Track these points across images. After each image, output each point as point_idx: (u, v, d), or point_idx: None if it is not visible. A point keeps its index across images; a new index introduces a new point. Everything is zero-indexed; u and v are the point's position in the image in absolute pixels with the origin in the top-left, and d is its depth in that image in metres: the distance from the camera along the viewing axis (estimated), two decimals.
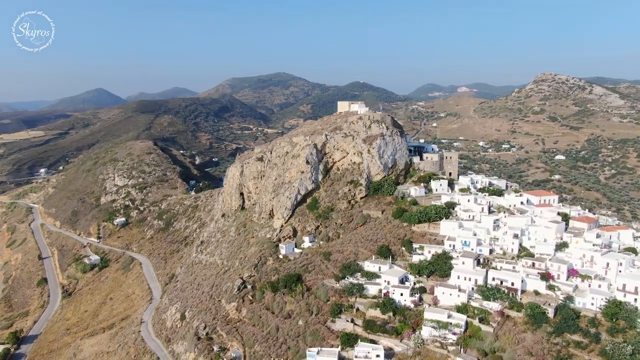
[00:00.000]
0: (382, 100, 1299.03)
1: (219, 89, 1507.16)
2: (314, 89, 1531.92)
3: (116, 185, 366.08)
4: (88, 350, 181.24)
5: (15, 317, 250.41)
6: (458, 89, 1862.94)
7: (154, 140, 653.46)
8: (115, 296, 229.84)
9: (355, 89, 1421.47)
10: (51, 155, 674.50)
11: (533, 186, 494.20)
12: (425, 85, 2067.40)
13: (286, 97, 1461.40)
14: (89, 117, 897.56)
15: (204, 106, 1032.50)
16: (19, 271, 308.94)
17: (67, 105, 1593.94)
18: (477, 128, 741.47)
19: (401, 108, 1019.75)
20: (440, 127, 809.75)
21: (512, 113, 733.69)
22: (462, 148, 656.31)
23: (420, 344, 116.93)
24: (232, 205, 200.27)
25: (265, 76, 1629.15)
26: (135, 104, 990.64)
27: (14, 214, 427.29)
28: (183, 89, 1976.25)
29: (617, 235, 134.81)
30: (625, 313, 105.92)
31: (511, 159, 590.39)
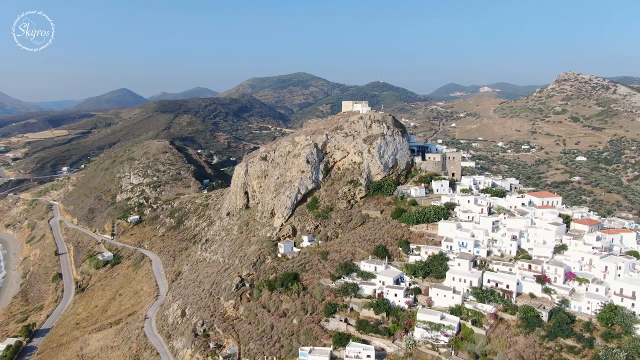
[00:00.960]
0: (401, 100, 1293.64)
1: (239, 89, 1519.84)
2: (333, 88, 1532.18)
3: (131, 183, 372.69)
4: (94, 345, 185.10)
5: (30, 311, 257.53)
6: (480, 88, 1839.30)
7: (173, 139, 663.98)
8: (124, 292, 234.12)
9: (374, 88, 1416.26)
10: (73, 154, 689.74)
11: (552, 188, 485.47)
12: (446, 85, 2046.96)
13: (306, 97, 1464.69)
14: (111, 116, 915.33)
15: (224, 106, 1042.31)
16: (37, 266, 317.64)
17: (92, 105, 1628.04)
18: (496, 128, 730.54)
19: (420, 108, 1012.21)
20: (459, 127, 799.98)
21: (532, 113, 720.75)
22: (480, 149, 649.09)
23: (412, 345, 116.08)
24: (236, 204, 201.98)
25: (285, 76, 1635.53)
26: (155, 103, 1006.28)
27: (35, 210, 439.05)
28: (204, 89, 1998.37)
29: (619, 238, 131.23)
30: (620, 318, 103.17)
31: (530, 160, 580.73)
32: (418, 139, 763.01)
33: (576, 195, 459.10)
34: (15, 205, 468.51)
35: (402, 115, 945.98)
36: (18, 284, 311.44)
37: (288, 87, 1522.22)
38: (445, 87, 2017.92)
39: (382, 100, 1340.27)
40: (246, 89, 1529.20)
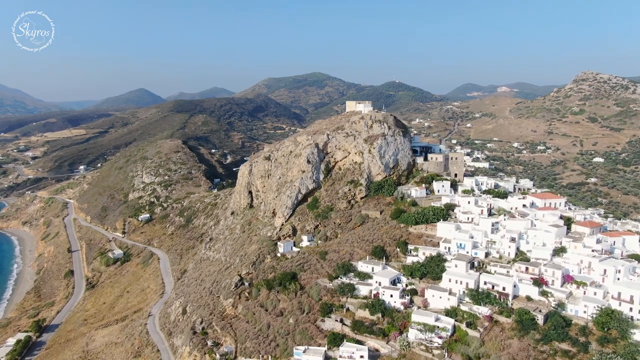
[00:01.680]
0: (417, 100, 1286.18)
1: (255, 89, 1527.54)
2: (349, 88, 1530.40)
3: (143, 182, 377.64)
4: (99, 341, 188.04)
5: (42, 307, 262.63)
6: (498, 88, 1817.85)
7: (188, 139, 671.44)
8: (131, 289, 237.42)
9: (390, 88, 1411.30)
10: (90, 153, 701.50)
11: (567, 189, 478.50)
12: (463, 85, 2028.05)
13: (321, 97, 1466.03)
14: (127, 116, 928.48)
15: (239, 106, 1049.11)
16: (50, 263, 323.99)
17: (111, 104, 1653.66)
18: (512, 129, 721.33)
19: (436, 108, 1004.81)
20: (474, 127, 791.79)
21: (549, 114, 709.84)
22: (495, 149, 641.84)
23: (406, 347, 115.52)
24: (241, 204, 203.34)
25: (301, 76, 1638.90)
26: (171, 103, 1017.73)
27: (51, 208, 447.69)
28: (221, 89, 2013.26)
29: (621, 241, 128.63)
30: (615, 322, 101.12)
31: (546, 161, 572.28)
32: (432, 140, 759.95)
33: (592, 197, 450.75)
34: (33, 203, 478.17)
35: (417, 115, 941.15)
36: (32, 280, 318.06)
37: (303, 87, 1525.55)
38: (463, 87, 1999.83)
39: (398, 100, 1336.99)
40: (262, 89, 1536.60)
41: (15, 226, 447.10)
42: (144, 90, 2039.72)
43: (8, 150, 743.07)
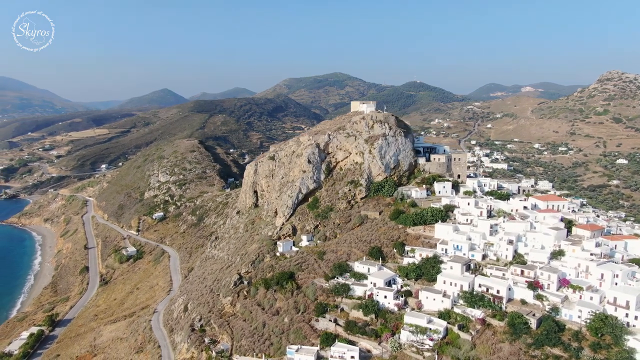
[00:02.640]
0: (437, 101, 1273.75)
1: (275, 89, 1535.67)
2: (369, 89, 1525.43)
3: (159, 181, 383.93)
4: (106, 336, 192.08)
5: (57, 302, 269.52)
6: (522, 88, 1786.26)
7: (207, 138, 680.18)
8: (141, 286, 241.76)
9: (411, 88, 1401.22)
10: (112, 152, 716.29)
11: (588, 191, 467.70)
12: (487, 85, 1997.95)
13: (341, 97, 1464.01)
14: (149, 116, 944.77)
15: (258, 106, 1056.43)
16: (67, 259, 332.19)
17: (134, 104, 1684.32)
18: (533, 129, 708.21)
19: (456, 108, 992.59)
20: (494, 128, 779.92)
21: (572, 114, 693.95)
22: (515, 150, 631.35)
23: (397, 348, 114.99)
24: (246, 203, 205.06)
25: (322, 76, 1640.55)
26: (192, 103, 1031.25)
27: (71, 206, 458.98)
28: (243, 89, 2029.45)
29: (623, 244, 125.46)
30: (609, 328, 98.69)
31: (567, 162, 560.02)
32: (451, 140, 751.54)
33: (613, 200, 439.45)
34: (54, 201, 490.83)
35: (436, 115, 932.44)
36: (50, 275, 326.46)
37: (324, 87, 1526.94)
38: (486, 87, 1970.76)
39: (418, 101, 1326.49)
40: (282, 89, 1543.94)
41: (37, 223, 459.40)
42: (167, 91, 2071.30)
43: (34, 149, 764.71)
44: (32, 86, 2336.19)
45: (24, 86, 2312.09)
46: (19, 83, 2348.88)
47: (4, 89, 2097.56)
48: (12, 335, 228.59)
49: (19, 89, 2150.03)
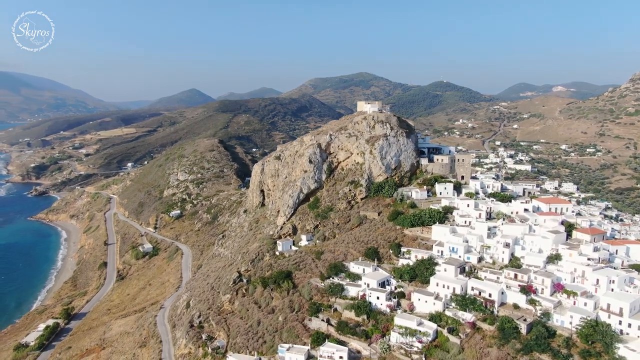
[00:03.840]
0: (464, 101, 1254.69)
1: (301, 89, 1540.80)
2: (395, 88, 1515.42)
3: (178, 179, 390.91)
4: (115, 330, 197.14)
5: (75, 296, 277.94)
6: (553, 88, 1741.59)
7: (230, 138, 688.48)
8: (153, 282, 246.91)
9: (437, 88, 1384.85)
10: (138, 151, 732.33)
11: (615, 194, 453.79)
12: (517, 85, 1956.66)
13: (367, 97, 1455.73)
14: (175, 115, 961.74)
15: (283, 106, 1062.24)
16: (88, 255, 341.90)
17: (163, 104, 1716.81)
18: (561, 130, 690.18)
19: (482, 108, 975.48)
20: (521, 128, 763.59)
21: (602, 114, 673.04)
22: (541, 151, 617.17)
23: (386, 350, 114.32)
24: (253, 202, 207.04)
25: (347, 76, 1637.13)
26: (217, 103, 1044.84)
27: (96, 203, 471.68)
28: (269, 89, 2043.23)
29: (624, 250, 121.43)
30: (599, 335, 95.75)
31: (595, 164, 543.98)
32: (474, 141, 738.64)
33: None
34: (80, 198, 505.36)
35: (462, 115, 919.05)
36: (72, 270, 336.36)
37: (349, 87, 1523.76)
38: (515, 86, 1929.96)
39: (445, 101, 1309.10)
40: (308, 89, 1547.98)
41: (63, 219, 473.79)
42: (195, 91, 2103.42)
43: (64, 148, 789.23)
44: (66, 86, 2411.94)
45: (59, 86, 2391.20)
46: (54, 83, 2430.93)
47: (41, 89, 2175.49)
48: (31, 327, 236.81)
49: (54, 89, 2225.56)
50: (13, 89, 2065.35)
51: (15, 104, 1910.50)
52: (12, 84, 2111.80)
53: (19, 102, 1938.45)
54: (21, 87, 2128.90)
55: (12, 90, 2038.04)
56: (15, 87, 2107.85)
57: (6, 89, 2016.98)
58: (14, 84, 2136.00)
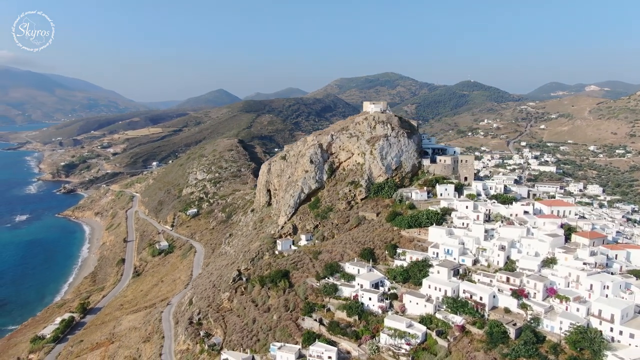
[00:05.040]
0: (491, 100, 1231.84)
1: (326, 89, 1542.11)
2: (421, 88, 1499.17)
3: (196, 178, 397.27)
4: (125, 325, 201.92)
5: (93, 291, 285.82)
6: (586, 87, 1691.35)
7: (253, 137, 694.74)
8: (166, 279, 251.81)
9: (464, 88, 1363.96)
10: (163, 150, 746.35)
11: None
12: (548, 84, 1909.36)
13: (392, 97, 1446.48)
14: (201, 115, 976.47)
15: (307, 106, 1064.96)
16: (108, 251, 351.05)
17: (191, 104, 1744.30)
18: (589, 131, 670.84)
19: (509, 108, 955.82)
20: (548, 129, 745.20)
21: (633, 114, 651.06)
22: (568, 152, 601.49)
23: (375, 351, 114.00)
24: (260, 201, 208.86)
25: (373, 76, 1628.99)
26: (241, 103, 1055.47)
27: (119, 201, 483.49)
28: (296, 89, 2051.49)
29: (625, 254, 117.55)
30: (587, 342, 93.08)
31: (624, 166, 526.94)
32: (499, 141, 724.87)
33: None
34: (105, 196, 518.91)
35: (488, 115, 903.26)
36: (93, 266, 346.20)
37: (375, 87, 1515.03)
38: (546, 86, 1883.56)
39: (471, 100, 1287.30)
40: (333, 89, 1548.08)
41: (89, 216, 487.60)
42: (223, 91, 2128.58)
43: (93, 147, 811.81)
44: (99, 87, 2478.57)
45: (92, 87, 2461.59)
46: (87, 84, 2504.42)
47: (74, 89, 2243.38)
48: (49, 320, 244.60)
49: (87, 90, 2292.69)
50: (48, 90, 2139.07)
51: (50, 105, 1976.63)
52: (47, 85, 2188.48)
53: (53, 103, 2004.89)
54: (56, 88, 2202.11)
55: (47, 91, 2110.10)
56: (50, 88, 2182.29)
57: (42, 90, 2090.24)
58: (50, 85, 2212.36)
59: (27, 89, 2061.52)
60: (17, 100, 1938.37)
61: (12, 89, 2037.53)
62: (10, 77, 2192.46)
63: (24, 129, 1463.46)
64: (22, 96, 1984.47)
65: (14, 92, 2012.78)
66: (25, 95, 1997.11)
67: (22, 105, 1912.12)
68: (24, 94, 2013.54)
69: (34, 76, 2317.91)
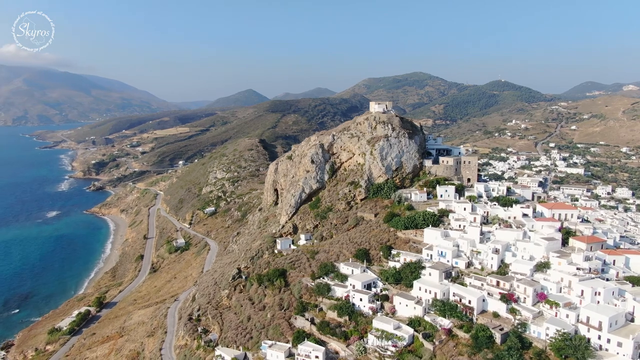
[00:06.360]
0: (522, 100, 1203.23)
1: (354, 89, 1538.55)
2: (450, 88, 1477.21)
3: (216, 177, 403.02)
4: (134, 320, 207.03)
5: (112, 286, 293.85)
6: (624, 87, 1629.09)
7: (277, 137, 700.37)
8: (179, 276, 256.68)
9: (494, 88, 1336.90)
10: (190, 150, 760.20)
11: None
12: (583, 84, 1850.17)
13: (420, 97, 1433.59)
14: (227, 115, 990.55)
15: (333, 106, 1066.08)
16: (129, 247, 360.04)
17: (221, 104, 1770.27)
18: (623, 132, 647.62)
19: (540, 109, 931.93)
20: (579, 130, 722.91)
21: None
22: (600, 154, 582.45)
23: (362, 352, 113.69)
24: (267, 201, 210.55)
25: (401, 76, 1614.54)
26: (268, 103, 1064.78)
27: (144, 198, 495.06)
28: (324, 89, 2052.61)
29: (623, 260, 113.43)
30: (570, 350, 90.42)
31: None
32: (526, 142, 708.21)
33: None
34: (131, 193, 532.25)
35: (517, 116, 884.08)
36: (115, 262, 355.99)
37: (402, 87, 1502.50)
38: (581, 85, 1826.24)
39: (502, 100, 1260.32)
40: (361, 89, 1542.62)
41: (114, 213, 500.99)
42: (252, 91, 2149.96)
43: (123, 146, 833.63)
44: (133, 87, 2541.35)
45: (126, 87, 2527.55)
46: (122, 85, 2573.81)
47: (110, 90, 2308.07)
48: (68, 313, 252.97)
49: (122, 90, 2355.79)
50: (85, 90, 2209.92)
51: (87, 105, 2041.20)
52: (84, 86, 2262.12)
53: (89, 103, 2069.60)
54: (92, 89, 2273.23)
55: (84, 91, 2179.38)
56: (87, 88, 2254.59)
57: (79, 90, 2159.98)
58: (86, 86, 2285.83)
59: (64, 90, 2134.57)
60: (55, 101, 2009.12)
61: (50, 89, 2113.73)
62: (50, 78, 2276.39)
63: (61, 128, 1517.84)
64: (59, 96, 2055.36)
65: (52, 92, 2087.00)
66: (62, 96, 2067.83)
67: (60, 105, 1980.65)
68: (62, 94, 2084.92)
69: (72, 77, 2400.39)
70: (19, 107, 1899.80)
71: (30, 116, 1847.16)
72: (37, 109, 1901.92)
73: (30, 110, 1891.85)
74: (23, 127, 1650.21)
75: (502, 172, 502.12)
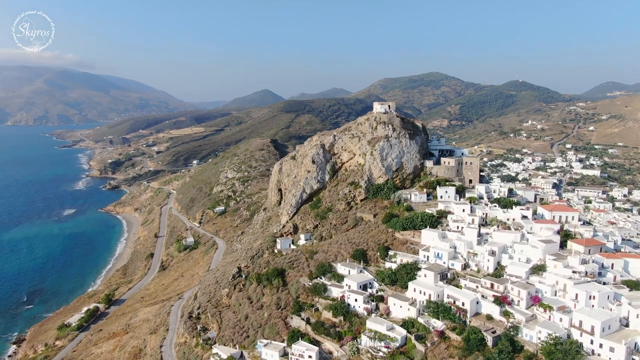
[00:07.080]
0: (540, 101, 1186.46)
1: (370, 89, 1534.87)
2: (467, 88, 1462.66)
3: (227, 177, 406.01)
4: (140, 317, 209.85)
5: (122, 283, 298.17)
6: None
7: (291, 137, 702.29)
8: (186, 274, 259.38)
9: (511, 88, 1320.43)
10: (204, 149, 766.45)
11: None
12: (604, 84, 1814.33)
13: (436, 97, 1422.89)
14: (242, 115, 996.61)
15: (347, 106, 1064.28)
16: (141, 246, 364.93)
17: (237, 104, 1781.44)
18: None
19: (557, 109, 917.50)
20: (597, 131, 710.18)
21: None
22: (617, 156, 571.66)
23: (355, 352, 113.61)
24: (272, 200, 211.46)
25: (417, 76, 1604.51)
26: (282, 103, 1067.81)
27: (157, 197, 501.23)
28: (340, 90, 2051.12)
29: (622, 263, 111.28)
30: (560, 354, 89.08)
31: None
32: (542, 143, 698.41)
33: None
34: (145, 192, 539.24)
35: (534, 116, 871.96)
36: (127, 259, 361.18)
37: (418, 87, 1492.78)
38: (602, 85, 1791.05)
39: (519, 101, 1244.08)
40: (377, 89, 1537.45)
41: (128, 212, 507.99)
42: (267, 91, 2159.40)
43: (139, 145, 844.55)
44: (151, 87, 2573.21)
45: (144, 88, 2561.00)
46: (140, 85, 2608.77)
47: (128, 90, 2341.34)
48: (78, 310, 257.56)
49: (140, 91, 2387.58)
50: (104, 90, 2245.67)
51: (105, 104, 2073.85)
52: (103, 86, 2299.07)
53: (108, 103, 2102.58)
54: (111, 89, 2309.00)
55: (103, 91, 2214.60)
56: (106, 88, 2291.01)
57: (98, 91, 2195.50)
58: (105, 86, 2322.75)
59: (84, 90, 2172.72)
60: (74, 101, 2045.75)
61: (70, 89, 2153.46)
62: (70, 78, 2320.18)
63: (80, 127, 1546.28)
64: (79, 96, 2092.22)
65: (72, 92, 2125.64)
66: (82, 96, 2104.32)
67: (79, 105, 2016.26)
68: (81, 94, 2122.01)
69: (91, 77, 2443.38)
70: (40, 107, 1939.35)
71: (51, 116, 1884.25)
72: (58, 108, 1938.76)
73: (50, 110, 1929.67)
74: (44, 127, 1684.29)
75: (516, 173, 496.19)
